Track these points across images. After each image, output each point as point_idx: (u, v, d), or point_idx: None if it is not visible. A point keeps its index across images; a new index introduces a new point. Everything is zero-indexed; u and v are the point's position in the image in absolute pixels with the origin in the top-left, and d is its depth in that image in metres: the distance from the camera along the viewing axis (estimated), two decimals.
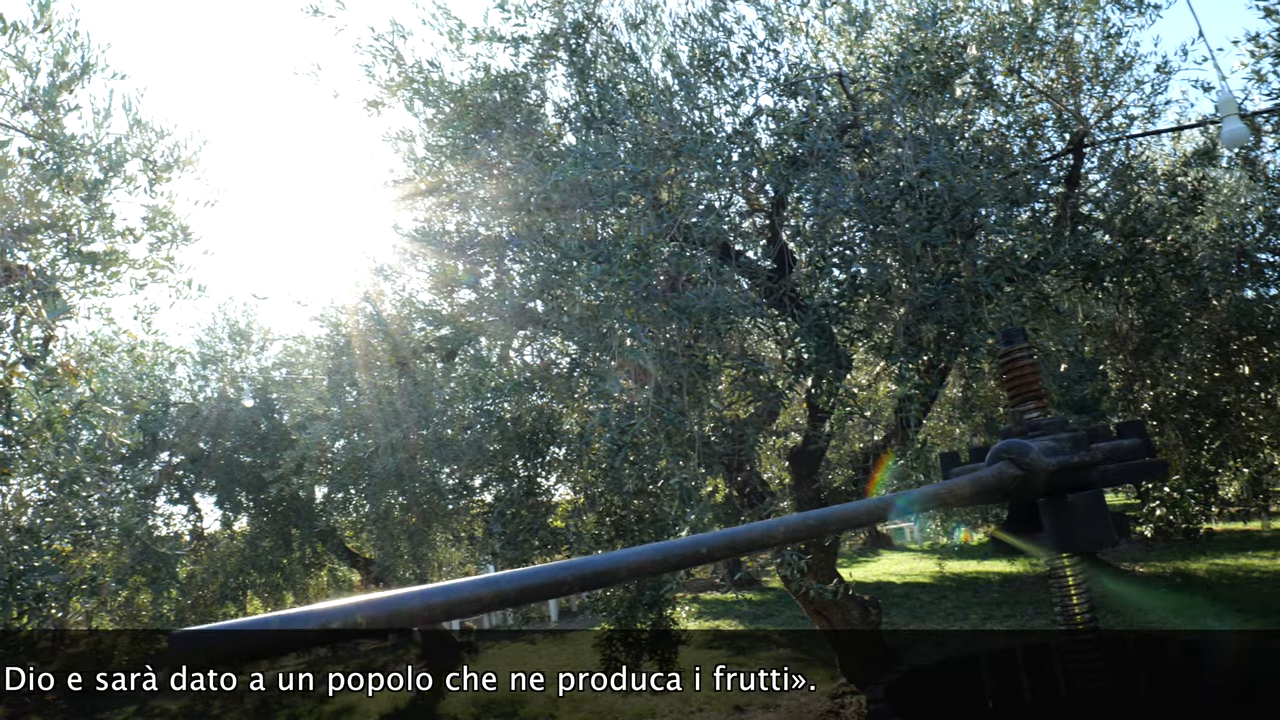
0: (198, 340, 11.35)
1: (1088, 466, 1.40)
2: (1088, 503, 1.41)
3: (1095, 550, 1.58)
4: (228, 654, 0.70)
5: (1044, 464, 1.30)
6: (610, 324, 4.97)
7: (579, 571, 0.85)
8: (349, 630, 0.75)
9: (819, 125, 4.89)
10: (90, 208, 4.54)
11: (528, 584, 0.83)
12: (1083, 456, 1.39)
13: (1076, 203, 6.73)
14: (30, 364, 4.81)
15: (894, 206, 4.25)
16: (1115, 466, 1.49)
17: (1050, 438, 1.42)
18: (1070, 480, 1.39)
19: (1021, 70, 6.32)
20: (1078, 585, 1.61)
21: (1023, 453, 1.30)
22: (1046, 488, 1.35)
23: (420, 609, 0.78)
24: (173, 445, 11.13)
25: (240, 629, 0.71)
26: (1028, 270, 5.52)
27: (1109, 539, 1.44)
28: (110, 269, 5.00)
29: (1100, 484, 1.44)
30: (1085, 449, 1.42)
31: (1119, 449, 1.53)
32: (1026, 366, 1.71)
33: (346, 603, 0.75)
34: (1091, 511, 1.41)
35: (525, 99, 5.58)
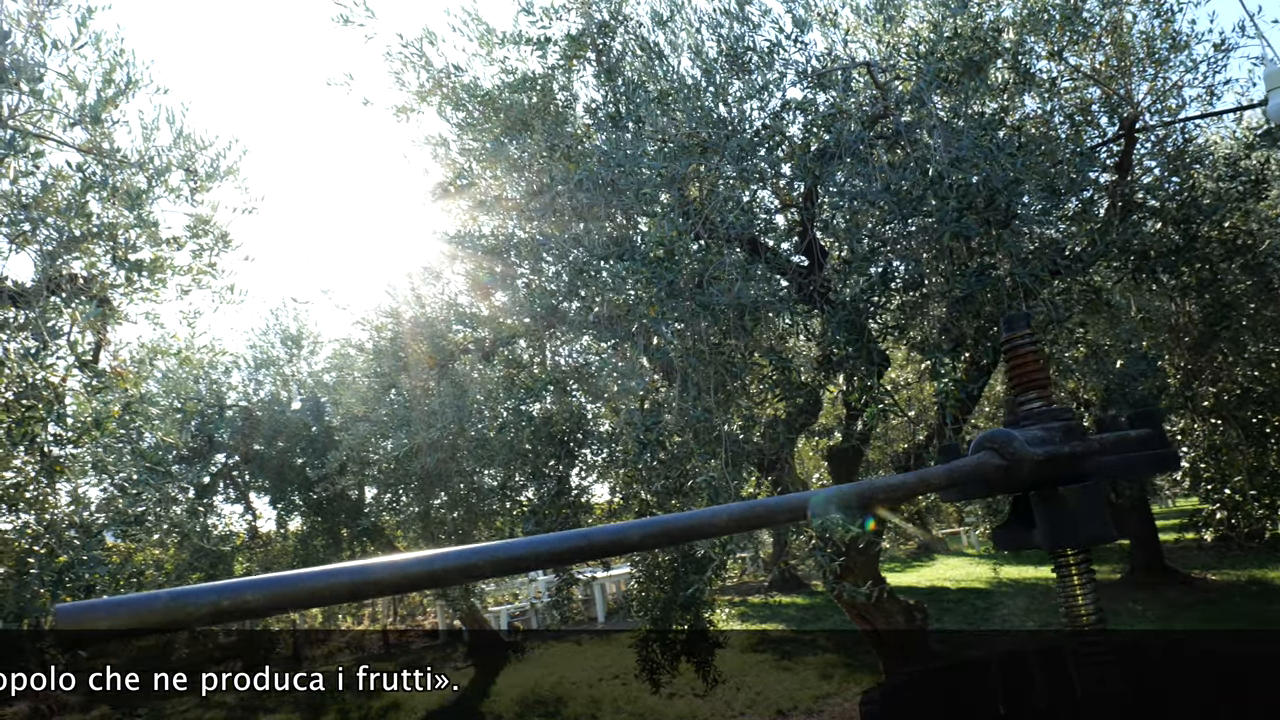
0: (251, 345, 11.70)
1: (1079, 457, 1.32)
2: (1081, 496, 1.34)
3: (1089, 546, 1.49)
4: (111, 629, 0.70)
5: (1029, 454, 1.23)
6: (636, 323, 4.96)
7: (491, 556, 0.83)
8: (239, 609, 0.74)
9: (848, 117, 4.80)
10: (135, 217, 4.70)
11: (436, 567, 0.81)
12: (1074, 447, 1.32)
13: (1128, 190, 6.48)
14: (83, 368, 5.00)
15: (924, 197, 4.14)
16: (1117, 458, 1.40)
17: (1040, 427, 1.35)
18: (1060, 472, 1.32)
19: (1065, 53, 6.11)
20: (1083, 582, 1.53)
21: (1006, 442, 1.23)
22: (1033, 479, 1.28)
23: (319, 588, 0.77)
24: (228, 447, 11.48)
25: (125, 604, 0.70)
26: (1072, 262, 5.34)
27: (1105, 534, 1.36)
28: (156, 276, 5.17)
29: (1098, 476, 1.37)
30: (1079, 439, 1.35)
31: (1125, 440, 1.45)
32: (1029, 354, 1.63)
33: (238, 581, 0.75)
34: (1085, 505, 1.34)
35: (553, 100, 5.60)
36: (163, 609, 0.71)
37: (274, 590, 0.75)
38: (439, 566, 0.82)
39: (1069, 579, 1.54)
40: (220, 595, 0.73)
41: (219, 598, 0.73)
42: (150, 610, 0.71)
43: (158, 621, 0.71)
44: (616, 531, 0.91)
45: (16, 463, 4.63)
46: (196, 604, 0.72)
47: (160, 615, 0.71)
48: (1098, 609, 1.52)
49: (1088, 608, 1.53)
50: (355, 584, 0.79)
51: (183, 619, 0.72)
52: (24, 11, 4.51)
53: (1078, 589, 1.54)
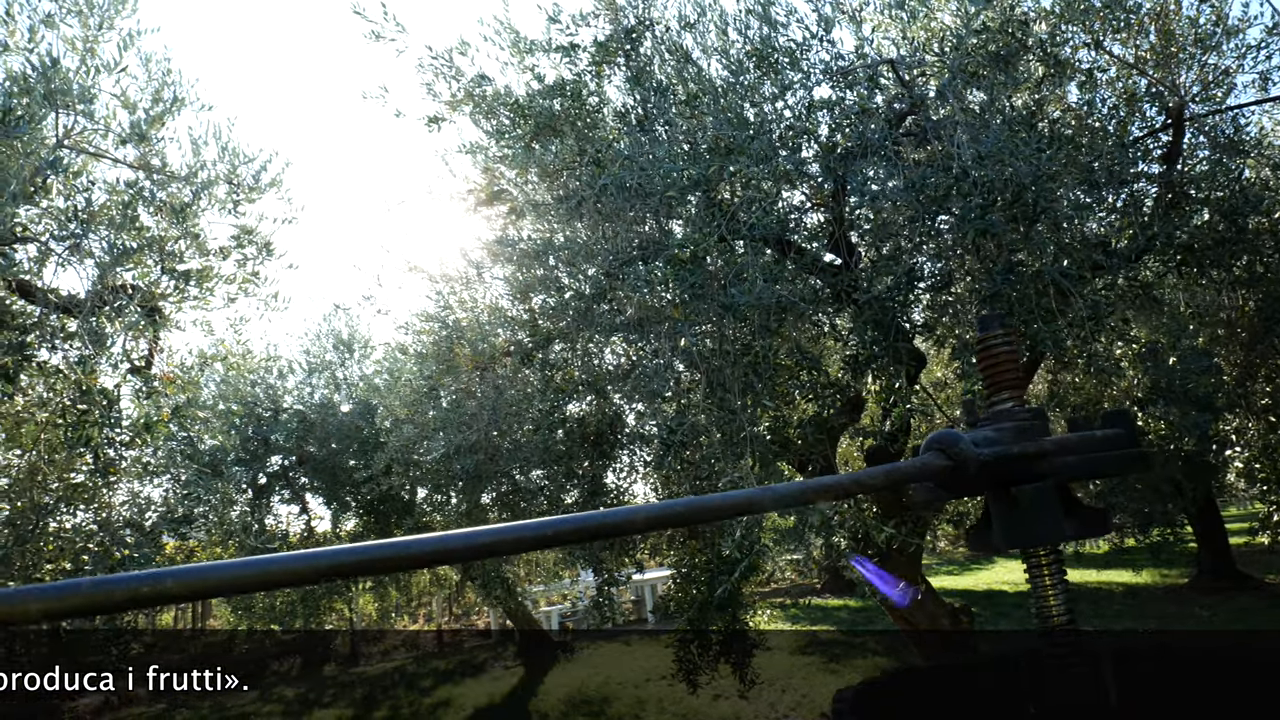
0: (305, 350, 12.08)
1: (1030, 458, 1.31)
2: (1031, 496, 1.33)
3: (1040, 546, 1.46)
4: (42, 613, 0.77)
5: (974, 454, 1.23)
6: (662, 324, 4.99)
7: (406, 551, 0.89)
8: (161, 595, 0.80)
9: (873, 115, 4.76)
10: (183, 229, 4.92)
11: (341, 561, 0.86)
12: (1024, 447, 1.31)
13: (1177, 182, 6.26)
14: (136, 373, 5.25)
15: (949, 195, 4.09)
16: (1078, 458, 1.39)
17: (992, 427, 1.35)
18: (1010, 472, 1.31)
19: (1107, 42, 5.95)
20: (1054, 582, 1.52)
21: (952, 442, 1.23)
22: (979, 479, 1.28)
23: (234, 577, 0.83)
24: (284, 449, 11.87)
25: (53, 590, 0.77)
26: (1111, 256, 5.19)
27: (1056, 535, 1.35)
28: (204, 285, 5.41)
29: (1054, 476, 1.35)
30: (1031, 439, 1.34)
31: (1088, 440, 1.43)
32: (1002, 355, 1.62)
33: (159, 571, 0.81)
34: (1036, 506, 1.33)
35: (584, 105, 5.67)
36: (85, 595, 0.78)
37: (192, 579, 0.81)
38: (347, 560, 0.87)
39: (1040, 579, 1.53)
40: (140, 582, 0.79)
41: (139, 585, 0.79)
42: (74, 595, 0.78)
43: (80, 605, 0.78)
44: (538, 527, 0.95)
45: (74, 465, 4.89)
46: (117, 590, 0.79)
47: (83, 600, 0.78)
48: (1068, 609, 1.51)
49: (1058, 608, 1.52)
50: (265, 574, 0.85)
51: (105, 604, 0.79)
52: (78, 36, 4.77)
53: (1049, 589, 1.52)
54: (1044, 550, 1.53)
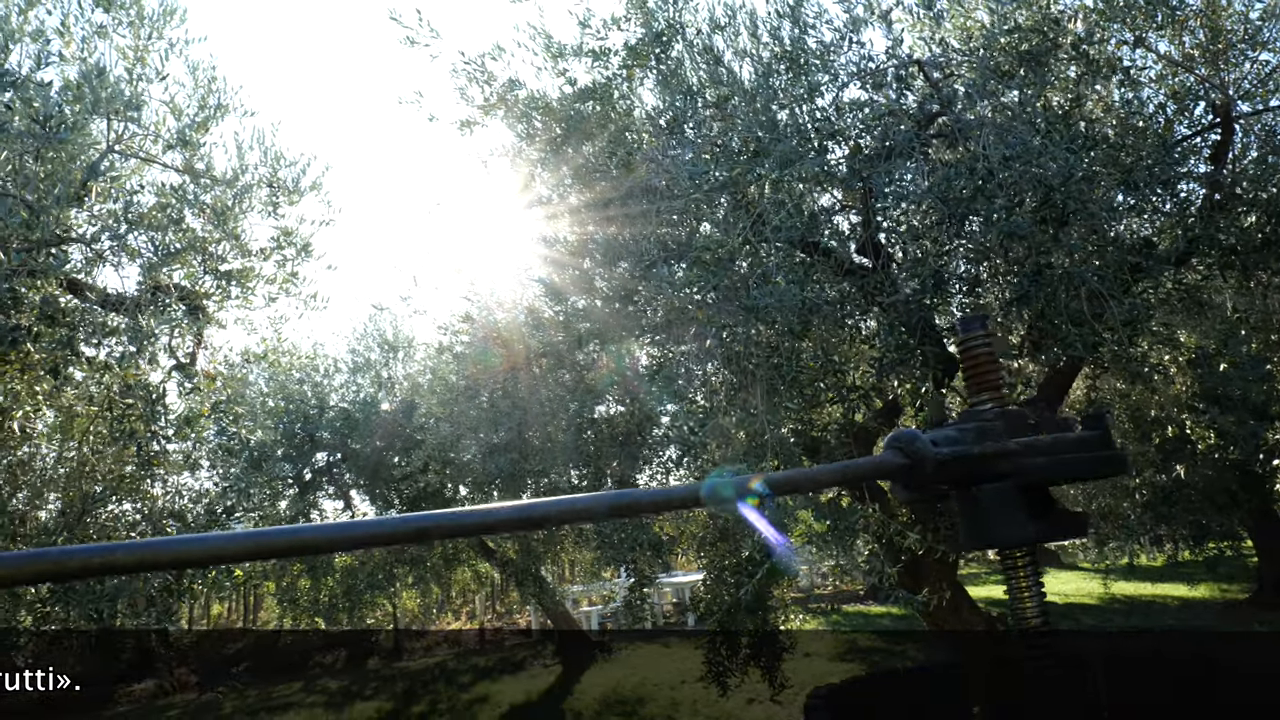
0: (351, 350, 12.37)
1: (991, 458, 1.31)
2: (991, 496, 1.32)
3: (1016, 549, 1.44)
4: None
5: (931, 453, 1.23)
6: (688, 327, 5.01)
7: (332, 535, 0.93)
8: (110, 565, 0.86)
9: (901, 116, 4.72)
10: (225, 230, 5.10)
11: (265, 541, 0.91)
12: (985, 447, 1.30)
13: (1224, 183, 6.06)
14: (180, 370, 5.46)
15: (975, 197, 4.03)
16: (1047, 459, 1.38)
17: (955, 427, 1.34)
18: (970, 472, 1.31)
19: (1150, 38, 5.78)
20: (1030, 584, 1.50)
21: (910, 441, 1.23)
22: (937, 478, 1.28)
23: (178, 553, 0.89)
24: (329, 445, 12.17)
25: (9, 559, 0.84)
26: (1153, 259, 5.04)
27: (1017, 536, 1.34)
28: (245, 285, 5.60)
29: (1018, 477, 1.34)
30: (995, 439, 1.33)
31: (1061, 441, 1.42)
32: (983, 356, 1.61)
33: (111, 544, 0.87)
34: (997, 506, 1.32)
35: (613, 109, 5.73)
36: (48, 562, 0.84)
37: (141, 552, 0.87)
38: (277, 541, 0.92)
39: (1016, 580, 1.51)
40: (91, 554, 0.85)
41: (90, 556, 0.85)
42: (36, 562, 0.84)
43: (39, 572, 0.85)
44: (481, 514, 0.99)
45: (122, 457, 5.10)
46: (71, 561, 0.85)
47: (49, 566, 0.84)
48: (1042, 612, 1.49)
49: (1034, 610, 1.50)
50: (208, 550, 0.90)
51: (53, 572, 0.85)
52: (130, 46, 4.99)
53: (1024, 591, 1.51)
54: (1020, 552, 1.52)
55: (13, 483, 5.10)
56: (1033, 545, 1.53)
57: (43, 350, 4.17)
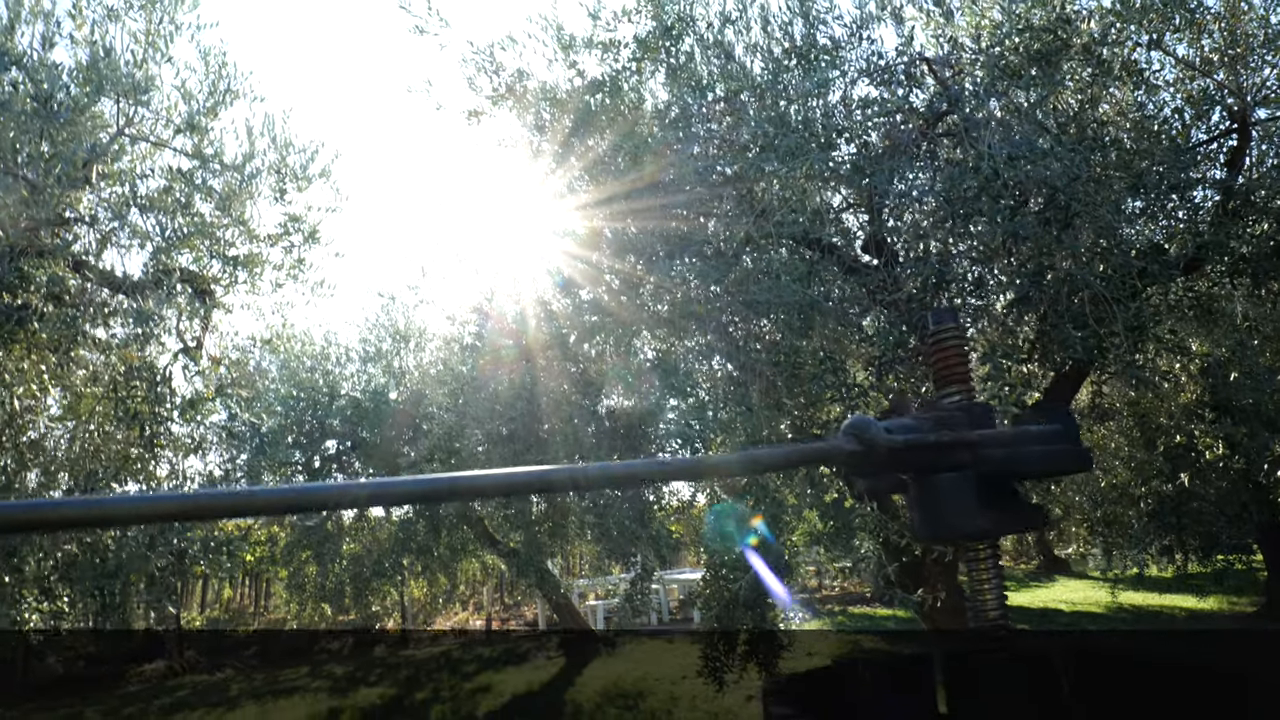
0: (362, 339, 12.45)
1: (946, 447, 1.30)
2: (948, 487, 1.32)
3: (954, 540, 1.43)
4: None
5: (884, 440, 1.23)
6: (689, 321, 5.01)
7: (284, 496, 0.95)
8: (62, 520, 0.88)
9: (910, 113, 4.69)
10: (233, 216, 5.15)
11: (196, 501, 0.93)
12: (941, 435, 1.30)
13: (1239, 190, 5.98)
14: (187, 353, 5.52)
15: (979, 197, 4.00)
16: (1004, 451, 1.37)
17: (913, 416, 1.34)
18: (924, 461, 1.30)
19: (1166, 41, 5.71)
20: (989, 577, 1.49)
21: (864, 428, 1.23)
22: (889, 465, 1.27)
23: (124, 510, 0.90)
24: (339, 434, 12.26)
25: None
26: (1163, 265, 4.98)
27: (969, 527, 1.33)
28: (253, 270, 5.65)
29: (976, 468, 1.34)
30: (952, 429, 1.33)
31: (1023, 434, 1.41)
32: (952, 349, 1.60)
33: (63, 499, 0.89)
34: (950, 496, 1.31)
35: (623, 101, 5.72)
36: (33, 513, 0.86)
37: (88, 507, 0.89)
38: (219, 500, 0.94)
39: (976, 573, 1.51)
40: (45, 508, 0.87)
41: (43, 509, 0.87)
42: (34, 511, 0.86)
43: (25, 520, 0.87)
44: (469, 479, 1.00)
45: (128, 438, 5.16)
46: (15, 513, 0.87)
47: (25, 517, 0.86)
48: (1001, 606, 1.49)
49: (992, 605, 1.50)
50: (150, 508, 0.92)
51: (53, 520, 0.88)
52: (141, 30, 5.04)
53: (984, 585, 1.50)
54: (981, 545, 1.51)
55: (20, 461, 5.17)
56: (994, 539, 1.53)
57: (49, 329, 4.23)
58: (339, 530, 12.42)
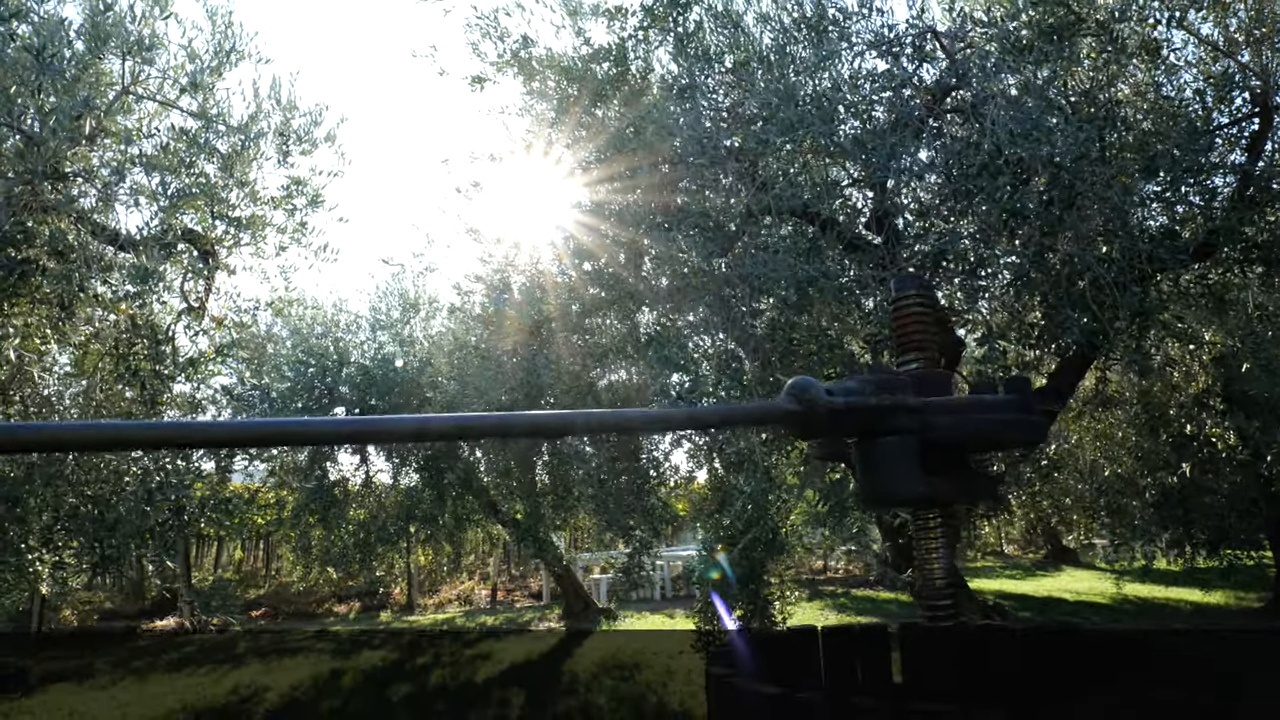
0: (372, 307, 12.51)
1: (888, 410, 1.28)
2: (890, 451, 1.30)
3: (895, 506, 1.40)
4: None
5: (824, 400, 1.21)
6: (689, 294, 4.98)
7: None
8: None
9: (917, 88, 4.61)
10: (234, 177, 5.16)
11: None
12: (883, 400, 1.28)
13: (1259, 175, 5.84)
14: (190, 313, 5.57)
15: (981, 174, 3.93)
16: (953, 418, 1.35)
17: (857, 379, 1.32)
18: (866, 424, 1.29)
19: (1188, 19, 5.57)
20: (939, 544, 1.48)
21: (805, 389, 1.22)
22: (829, 427, 1.26)
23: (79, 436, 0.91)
24: (348, 401, 12.34)
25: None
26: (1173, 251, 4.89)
27: (912, 493, 1.31)
28: (256, 232, 5.66)
29: (921, 434, 1.32)
30: (896, 393, 1.31)
31: (976, 402, 1.40)
32: (913, 316, 1.58)
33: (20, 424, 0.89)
34: (895, 461, 1.30)
35: (628, 71, 5.67)
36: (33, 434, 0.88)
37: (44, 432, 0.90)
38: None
39: (925, 540, 1.50)
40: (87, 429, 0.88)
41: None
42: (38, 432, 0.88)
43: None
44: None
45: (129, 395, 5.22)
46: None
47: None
48: (947, 575, 1.48)
49: (940, 573, 1.49)
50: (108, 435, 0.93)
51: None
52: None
53: (933, 551, 1.50)
54: (932, 513, 1.50)
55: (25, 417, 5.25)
56: (942, 507, 1.51)
57: (51, 284, 4.27)
58: (345, 496, 12.55)
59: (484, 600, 19.01)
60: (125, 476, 4.73)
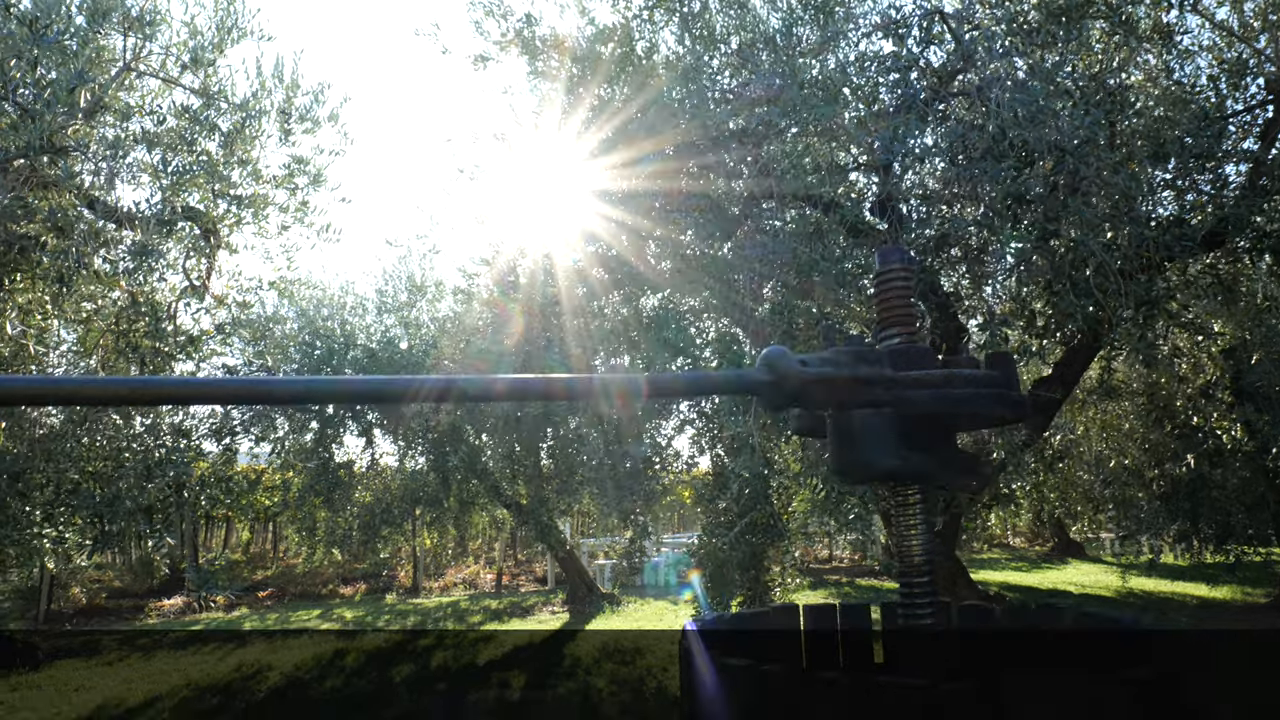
0: (378, 289, 12.51)
1: (863, 382, 1.26)
2: (865, 423, 1.28)
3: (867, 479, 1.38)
4: None
5: (795, 370, 1.19)
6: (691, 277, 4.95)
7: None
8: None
9: (923, 70, 4.55)
10: (235, 155, 5.14)
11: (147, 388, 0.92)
12: (858, 371, 1.25)
13: (1271, 164, 5.75)
14: (193, 291, 5.57)
15: (984, 157, 3.88)
16: (931, 393, 1.32)
17: (834, 351, 1.30)
18: (839, 396, 1.26)
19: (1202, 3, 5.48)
20: (917, 521, 1.46)
21: (778, 358, 1.20)
22: (804, 399, 1.23)
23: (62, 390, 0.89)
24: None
25: None
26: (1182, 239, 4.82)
27: (884, 465, 1.29)
28: (258, 211, 5.66)
29: (897, 407, 1.30)
30: (872, 365, 1.28)
31: (953, 377, 1.36)
32: (896, 290, 1.56)
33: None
34: (870, 433, 1.27)
35: (633, 51, 5.61)
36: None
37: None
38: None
39: (904, 517, 1.48)
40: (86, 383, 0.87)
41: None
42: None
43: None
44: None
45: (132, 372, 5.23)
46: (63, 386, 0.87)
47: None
48: (925, 553, 1.45)
49: (918, 550, 1.47)
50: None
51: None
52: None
53: (912, 529, 1.47)
54: (912, 490, 1.47)
55: None
56: (919, 483, 1.48)
57: (52, 260, 4.27)
58: (351, 478, 12.59)
59: (489, 584, 19.12)
60: (125, 453, 4.75)
